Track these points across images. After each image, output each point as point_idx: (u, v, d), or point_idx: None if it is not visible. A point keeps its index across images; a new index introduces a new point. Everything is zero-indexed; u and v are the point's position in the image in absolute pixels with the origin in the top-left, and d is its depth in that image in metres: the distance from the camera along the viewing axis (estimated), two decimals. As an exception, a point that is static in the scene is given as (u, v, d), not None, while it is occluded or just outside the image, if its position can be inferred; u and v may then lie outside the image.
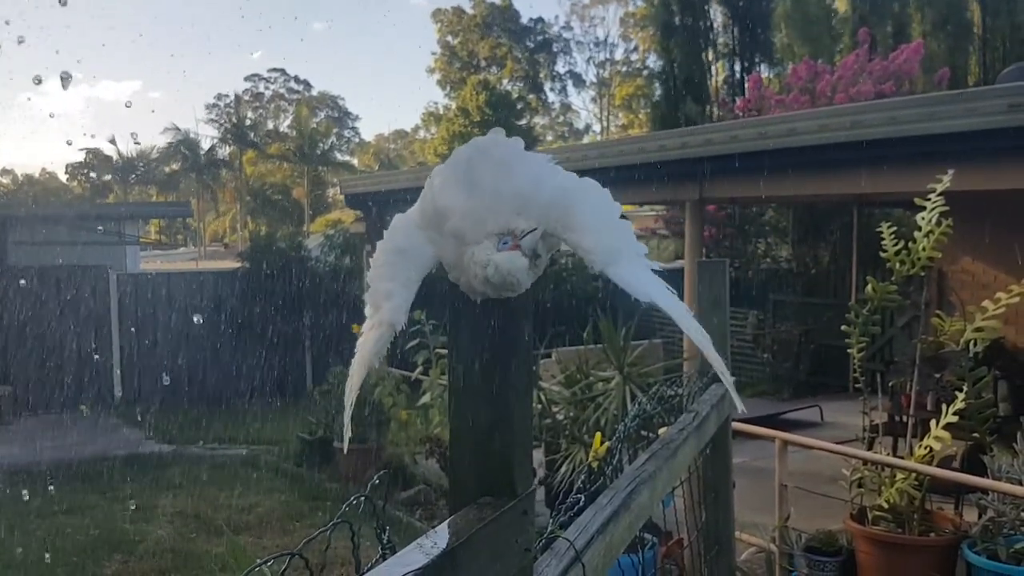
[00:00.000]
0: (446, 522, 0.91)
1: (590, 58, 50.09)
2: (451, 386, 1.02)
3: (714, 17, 18.84)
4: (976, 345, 4.28)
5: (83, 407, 11.20)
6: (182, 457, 9.10)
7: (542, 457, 5.87)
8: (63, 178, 51.15)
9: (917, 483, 4.19)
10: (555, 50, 49.43)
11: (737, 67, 18.58)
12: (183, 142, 46.02)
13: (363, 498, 0.93)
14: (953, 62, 15.01)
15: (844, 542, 4.50)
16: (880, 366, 8.02)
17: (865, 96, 10.63)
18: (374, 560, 0.88)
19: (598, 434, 4.09)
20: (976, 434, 4.33)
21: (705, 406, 2.27)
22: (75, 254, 11.61)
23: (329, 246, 13.59)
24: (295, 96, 53.18)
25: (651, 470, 1.66)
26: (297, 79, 53.31)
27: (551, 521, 1.32)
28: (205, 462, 8.84)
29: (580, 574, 1.17)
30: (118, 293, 12.05)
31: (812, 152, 5.74)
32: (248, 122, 50.15)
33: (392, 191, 10.43)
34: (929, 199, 4.23)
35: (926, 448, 4.13)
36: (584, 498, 1.40)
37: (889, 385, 6.08)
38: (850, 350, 4.48)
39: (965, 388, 4.17)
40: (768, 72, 18.63)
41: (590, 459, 1.99)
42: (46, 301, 11.38)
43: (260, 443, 9.52)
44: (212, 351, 12.20)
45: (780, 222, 12.50)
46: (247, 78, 54.29)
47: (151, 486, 7.92)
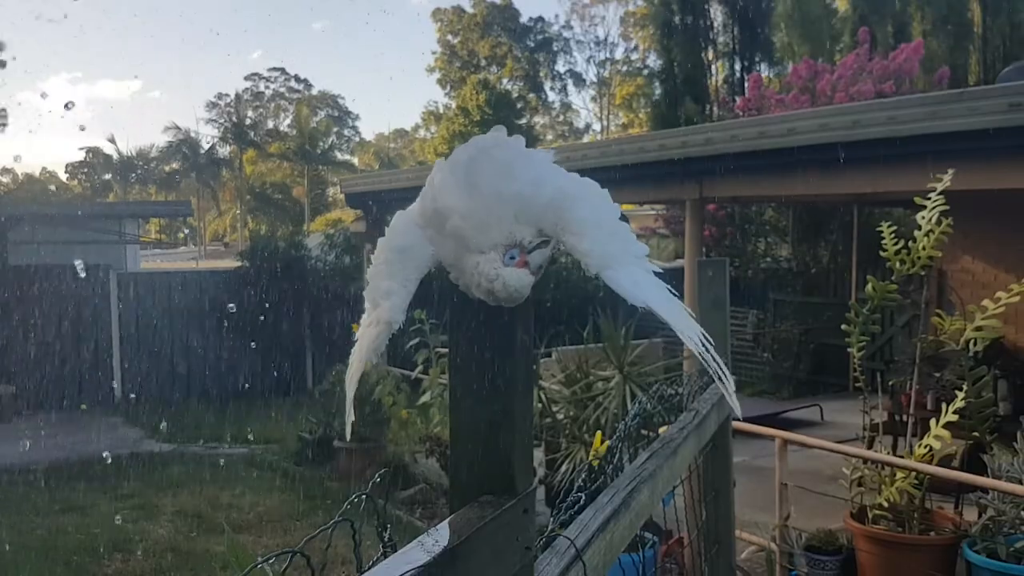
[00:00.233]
0: (447, 520, 0.91)
1: (590, 57, 50.14)
2: (451, 385, 1.02)
3: (714, 16, 18.85)
4: (976, 344, 4.28)
5: (83, 406, 11.21)
6: (182, 456, 9.10)
7: (542, 456, 5.88)
8: (63, 177, 51.23)
9: (917, 482, 4.19)
10: (555, 49, 49.44)
11: (737, 66, 18.58)
12: (183, 141, 46.06)
13: (364, 496, 0.93)
14: (953, 61, 15.00)
15: (844, 541, 4.51)
16: (880, 365, 8.03)
17: (865, 95, 10.63)
18: (375, 558, 0.88)
19: (599, 433, 4.10)
20: (976, 433, 4.33)
21: (705, 405, 2.26)
22: (75, 253, 11.61)
23: (329, 245, 13.60)
24: (295, 95, 53.20)
25: (651, 469, 1.66)
26: (297, 78, 53.37)
27: (552, 520, 1.32)
28: (205, 461, 8.84)
29: (581, 572, 1.17)
30: (118, 292, 12.07)
31: (812, 151, 5.73)
32: (248, 121, 50.16)
33: (392, 190, 10.44)
34: (929, 198, 4.23)
35: (926, 447, 4.14)
36: (584, 497, 1.40)
37: (889, 384, 6.08)
38: (850, 349, 4.48)
39: (965, 387, 4.18)
40: (768, 71, 18.64)
41: (590, 458, 1.99)
42: (46, 300, 11.38)
43: (260, 442, 9.52)
44: (212, 350, 12.22)
45: (780, 221, 12.49)
46: (247, 77, 54.37)
47: (151, 485, 7.93)
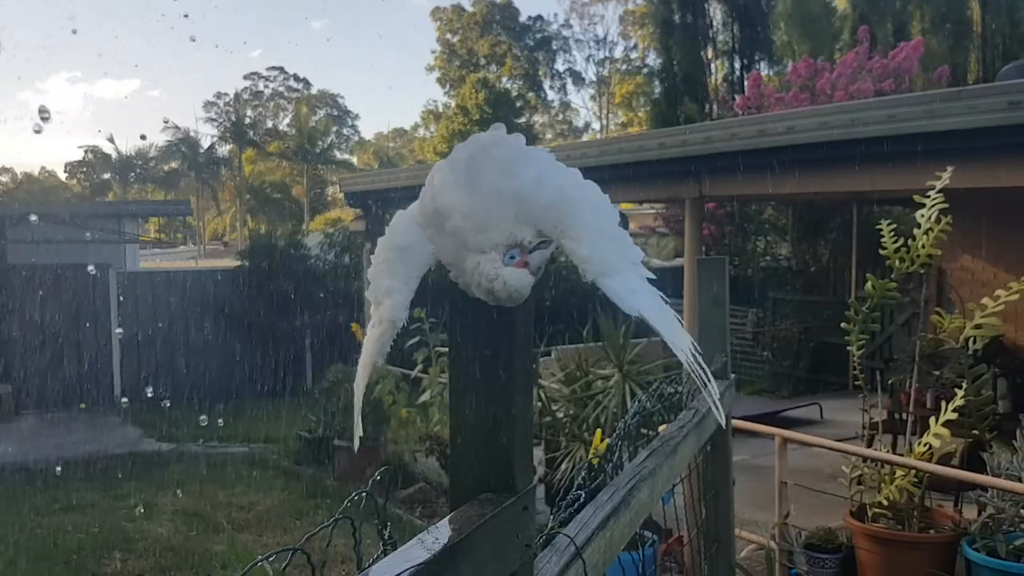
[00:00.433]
0: (447, 518, 0.91)
1: (589, 56, 50.13)
2: (451, 383, 1.02)
3: (714, 15, 18.84)
4: (975, 342, 4.29)
5: (83, 405, 11.21)
6: (182, 455, 9.11)
7: (542, 455, 5.88)
8: (62, 176, 51.21)
9: (917, 480, 4.19)
10: (554, 48, 49.44)
11: (737, 65, 18.57)
12: (182, 140, 46.05)
13: (364, 494, 0.93)
14: (953, 60, 15.00)
15: (844, 539, 4.51)
16: (880, 364, 8.03)
17: (865, 94, 10.63)
18: (375, 556, 0.88)
19: (598, 431, 4.11)
20: (975, 431, 4.34)
21: (705, 404, 2.27)
22: (75, 252, 11.61)
23: (329, 244, 13.60)
24: (294, 94, 53.18)
25: (651, 467, 1.66)
26: (296, 77, 53.33)
27: (551, 518, 1.32)
28: (205, 460, 8.85)
29: (580, 570, 1.17)
30: (118, 291, 12.07)
31: (812, 150, 5.74)
32: (247, 120, 50.14)
33: (392, 189, 10.44)
34: (928, 196, 4.23)
35: (925, 445, 4.14)
36: (584, 495, 1.40)
37: (889, 383, 6.09)
38: (850, 347, 4.49)
39: (964, 385, 4.18)
40: (768, 70, 18.62)
41: (590, 456, 1.99)
42: (46, 299, 11.39)
43: (260, 441, 9.53)
44: (212, 349, 12.22)
45: (780, 220, 12.49)
46: (246, 76, 54.32)
47: (151, 484, 7.93)
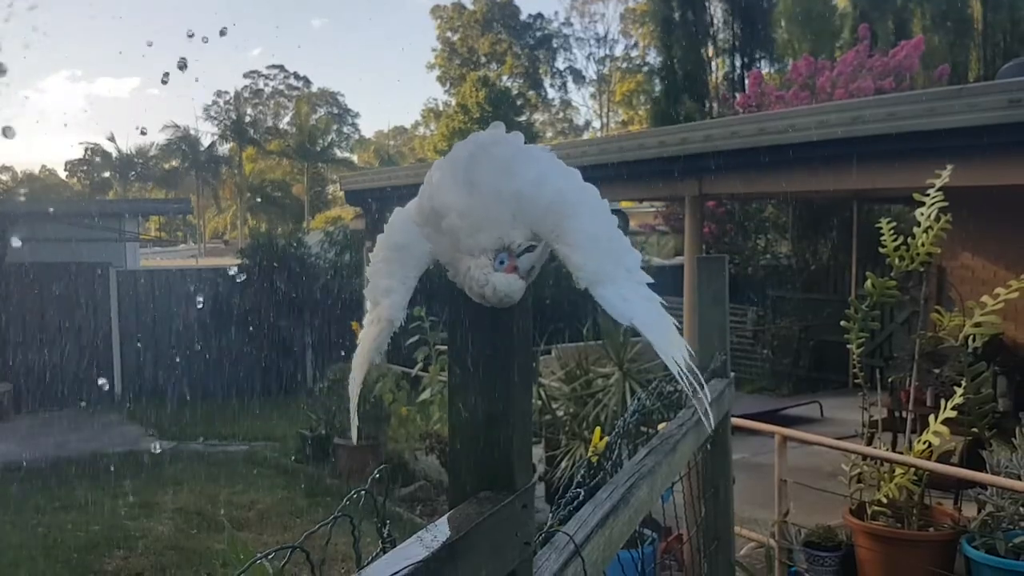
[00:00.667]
0: (446, 516, 0.92)
1: (590, 54, 50.13)
2: (451, 381, 1.02)
3: (714, 13, 18.82)
4: (975, 340, 4.29)
5: (83, 403, 11.21)
6: (182, 453, 9.11)
7: (542, 453, 5.88)
8: (63, 175, 51.20)
9: (916, 478, 4.19)
10: (555, 46, 49.42)
11: (737, 63, 18.56)
12: (183, 139, 46.04)
13: (363, 492, 0.93)
14: (954, 58, 15.00)
15: (843, 537, 4.52)
16: (879, 362, 8.03)
17: (865, 92, 10.63)
18: (375, 554, 0.89)
19: (598, 429, 4.10)
20: (975, 429, 4.34)
21: (709, 397, 2.26)
22: (75, 251, 11.61)
23: (329, 243, 13.60)
24: (295, 93, 53.17)
25: (650, 465, 1.67)
26: (297, 76, 53.33)
27: (551, 516, 1.32)
28: (205, 458, 8.85)
29: (580, 568, 1.17)
30: (118, 290, 12.07)
31: (812, 148, 5.73)
32: (248, 119, 50.13)
33: (392, 187, 10.43)
34: (928, 195, 4.23)
35: (925, 443, 4.14)
36: (584, 493, 1.40)
37: (888, 381, 6.09)
38: (849, 346, 4.49)
39: (964, 383, 4.19)
40: (768, 68, 18.62)
41: (590, 454, 1.99)
42: (46, 298, 11.39)
43: (260, 439, 9.53)
44: (212, 348, 12.22)
45: (780, 218, 12.49)
46: (246, 75, 54.35)
47: (151, 482, 7.94)
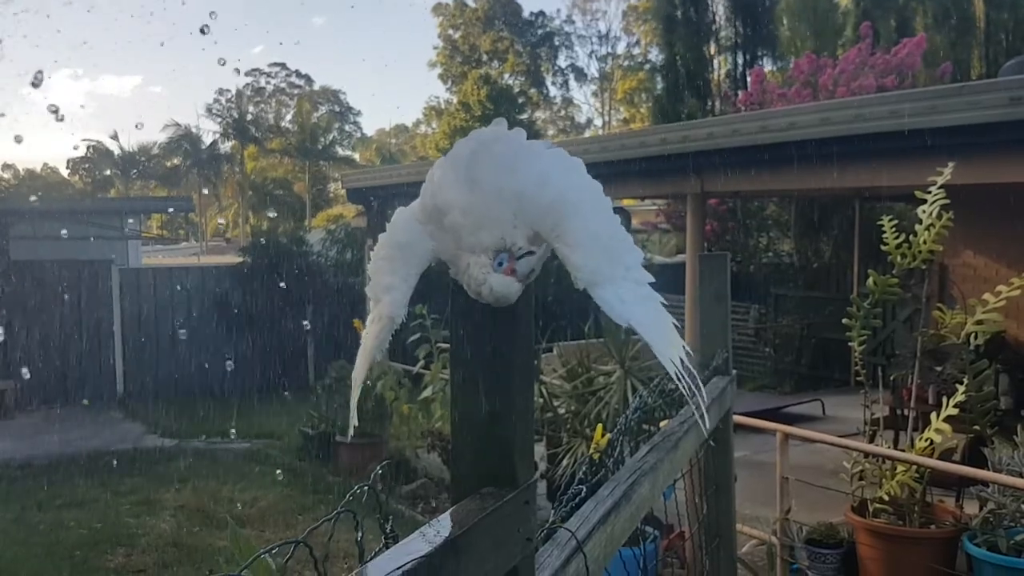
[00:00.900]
0: (448, 512, 0.92)
1: (592, 52, 50.06)
2: (453, 379, 1.02)
3: (716, 11, 18.78)
4: (977, 338, 4.29)
5: (85, 401, 11.23)
6: (184, 451, 9.12)
7: (544, 451, 5.89)
8: (64, 173, 51.22)
9: (918, 476, 4.20)
10: (557, 44, 49.36)
11: (739, 61, 18.51)
12: (184, 137, 46.02)
13: (366, 488, 0.94)
14: (956, 56, 14.95)
15: (845, 534, 4.52)
16: (881, 360, 8.02)
17: (867, 90, 10.61)
18: (377, 549, 0.89)
19: (599, 427, 4.11)
20: (977, 427, 4.34)
21: (706, 399, 2.27)
22: (77, 249, 11.63)
23: (331, 241, 13.62)
24: (296, 91, 53.14)
25: (652, 462, 1.67)
26: (298, 74, 53.27)
27: (553, 513, 1.33)
28: (207, 456, 8.86)
29: (581, 564, 1.18)
30: (120, 287, 12.08)
31: (814, 146, 5.73)
32: (249, 117, 50.12)
33: (393, 186, 10.44)
34: (930, 192, 4.23)
35: (927, 441, 4.14)
36: (585, 490, 1.40)
37: (890, 378, 6.08)
38: (851, 344, 4.49)
39: (966, 381, 4.19)
40: (771, 66, 18.58)
41: (591, 451, 2.00)
42: (48, 295, 11.40)
43: (262, 437, 9.54)
44: (214, 345, 12.23)
45: (782, 216, 12.49)
46: (248, 73, 54.22)
47: (154, 480, 7.95)
